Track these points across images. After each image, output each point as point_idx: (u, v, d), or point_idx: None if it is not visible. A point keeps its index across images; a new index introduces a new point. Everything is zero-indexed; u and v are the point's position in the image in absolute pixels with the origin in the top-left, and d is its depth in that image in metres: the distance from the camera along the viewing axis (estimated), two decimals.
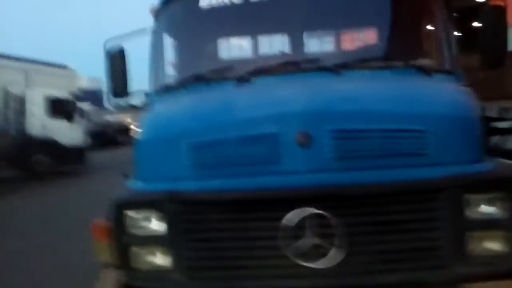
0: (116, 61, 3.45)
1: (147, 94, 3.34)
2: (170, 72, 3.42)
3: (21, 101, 16.34)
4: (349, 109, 2.23)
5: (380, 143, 2.14)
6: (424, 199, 2.11)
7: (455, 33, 3.05)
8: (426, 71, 2.71)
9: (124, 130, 30.80)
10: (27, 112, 16.10)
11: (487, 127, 5.15)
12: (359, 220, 2.09)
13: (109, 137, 29.53)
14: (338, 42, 3.64)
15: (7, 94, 16.32)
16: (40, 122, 16.11)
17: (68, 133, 16.57)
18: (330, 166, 2.12)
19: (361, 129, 2.15)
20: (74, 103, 17.58)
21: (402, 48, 3.06)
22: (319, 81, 2.56)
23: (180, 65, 3.41)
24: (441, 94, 2.49)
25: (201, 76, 2.91)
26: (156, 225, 2.24)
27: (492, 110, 6.00)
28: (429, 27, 3.14)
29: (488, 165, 2.22)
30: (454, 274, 2.09)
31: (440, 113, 2.27)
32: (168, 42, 3.44)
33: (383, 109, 2.25)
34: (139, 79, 3.72)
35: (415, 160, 2.16)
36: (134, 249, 2.29)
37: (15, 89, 16.64)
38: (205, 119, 2.41)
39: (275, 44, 3.45)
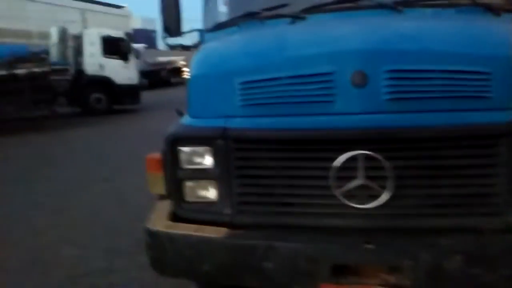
0: (170, 1, 3.44)
1: (200, 32, 3.33)
2: (223, 10, 3.37)
3: (78, 41, 16.85)
4: (409, 48, 2.11)
5: (440, 84, 2.03)
6: (484, 144, 2.01)
7: None
8: (493, 10, 2.53)
9: (177, 70, 31.25)
10: (84, 52, 16.64)
11: None
12: (412, 164, 2.04)
13: (162, 77, 30.11)
14: None
15: (65, 34, 16.87)
16: (96, 62, 16.65)
17: (123, 72, 17.08)
18: (387, 107, 2.05)
19: (421, 69, 2.04)
20: (129, 43, 17.94)
21: None
22: (378, 19, 2.45)
23: (233, 2, 3.34)
24: (509, 34, 2.32)
25: (254, 13, 2.85)
26: (208, 160, 2.29)
27: None
28: None
29: None
30: (508, 222, 2.03)
31: (507, 54, 2.11)
32: None
33: (445, 49, 2.11)
34: (193, 19, 3.71)
35: (477, 103, 2.04)
36: (186, 182, 2.36)
37: (73, 29, 17.12)
38: (258, 56, 2.37)
39: None
